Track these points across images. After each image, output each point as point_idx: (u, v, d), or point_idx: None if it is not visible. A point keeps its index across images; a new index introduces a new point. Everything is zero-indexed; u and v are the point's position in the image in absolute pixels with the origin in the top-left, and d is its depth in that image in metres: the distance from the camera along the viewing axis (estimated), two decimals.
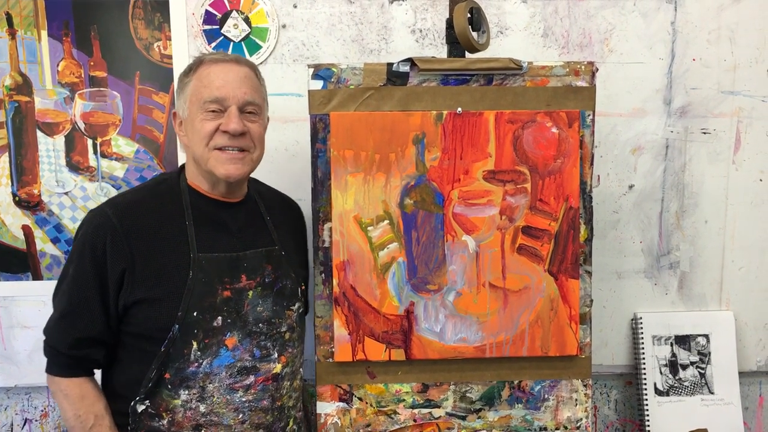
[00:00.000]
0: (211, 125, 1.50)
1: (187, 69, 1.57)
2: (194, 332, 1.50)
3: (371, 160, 1.65)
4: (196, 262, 1.51)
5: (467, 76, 1.66)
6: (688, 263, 2.14)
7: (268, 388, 1.58)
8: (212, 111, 1.50)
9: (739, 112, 2.09)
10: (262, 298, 1.58)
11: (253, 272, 1.57)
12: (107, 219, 1.50)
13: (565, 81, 1.68)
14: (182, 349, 1.49)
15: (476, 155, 1.66)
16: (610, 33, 2.05)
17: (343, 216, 1.66)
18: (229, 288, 1.53)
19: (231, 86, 1.50)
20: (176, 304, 1.48)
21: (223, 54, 1.59)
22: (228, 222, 1.59)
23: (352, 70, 1.65)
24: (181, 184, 1.59)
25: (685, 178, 2.11)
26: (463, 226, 1.68)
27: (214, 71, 1.51)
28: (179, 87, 1.58)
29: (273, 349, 1.59)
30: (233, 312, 1.53)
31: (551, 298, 1.70)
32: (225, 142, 1.51)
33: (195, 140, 1.53)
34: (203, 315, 1.50)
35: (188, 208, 1.56)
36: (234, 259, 1.55)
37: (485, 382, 1.73)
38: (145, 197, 1.57)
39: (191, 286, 1.50)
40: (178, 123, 1.59)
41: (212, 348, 1.51)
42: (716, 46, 2.06)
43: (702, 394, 2.11)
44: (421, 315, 1.69)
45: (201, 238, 1.54)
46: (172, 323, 1.48)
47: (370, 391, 1.71)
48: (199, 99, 1.50)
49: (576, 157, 1.68)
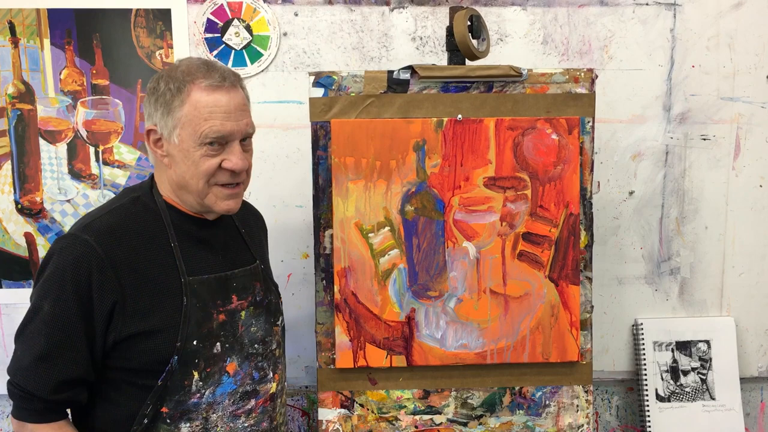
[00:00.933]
0: (214, 162, 1.39)
1: (171, 86, 1.38)
2: (195, 362, 1.41)
3: (372, 167, 1.66)
4: (188, 286, 1.41)
5: (467, 83, 1.67)
6: (688, 269, 2.15)
7: (267, 410, 1.53)
8: (211, 144, 1.37)
9: (739, 118, 2.09)
10: (255, 317, 1.51)
11: (244, 291, 1.50)
12: (89, 248, 1.34)
13: (564, 88, 1.68)
14: (182, 380, 1.40)
15: (477, 162, 1.67)
16: (609, 40, 2.06)
17: (344, 223, 1.66)
18: (223, 311, 1.45)
19: (234, 119, 1.39)
20: (174, 334, 1.38)
21: (213, 71, 1.39)
22: (210, 240, 1.50)
23: (353, 77, 1.66)
24: (157, 200, 1.46)
25: (685, 184, 2.12)
26: (464, 233, 1.68)
27: (213, 101, 1.37)
28: (160, 104, 1.39)
29: (269, 369, 1.54)
30: (230, 336, 1.46)
31: (552, 304, 1.70)
32: (227, 179, 1.42)
33: (191, 173, 1.39)
34: (203, 343, 1.41)
35: (170, 227, 1.44)
36: (223, 279, 1.47)
37: (486, 389, 1.73)
38: (122, 219, 1.41)
39: (188, 314, 1.40)
40: (154, 140, 1.42)
41: (214, 376, 1.43)
42: (715, 52, 2.07)
43: (703, 400, 2.11)
44: (422, 321, 1.69)
45: (188, 259, 1.43)
46: (170, 355, 1.38)
47: (372, 397, 1.71)
48: (198, 132, 1.36)
49: (576, 164, 1.68)
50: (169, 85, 1.38)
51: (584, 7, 2.04)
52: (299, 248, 2.06)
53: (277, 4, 2.01)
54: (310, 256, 1.78)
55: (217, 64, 1.43)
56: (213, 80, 1.37)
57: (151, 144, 1.43)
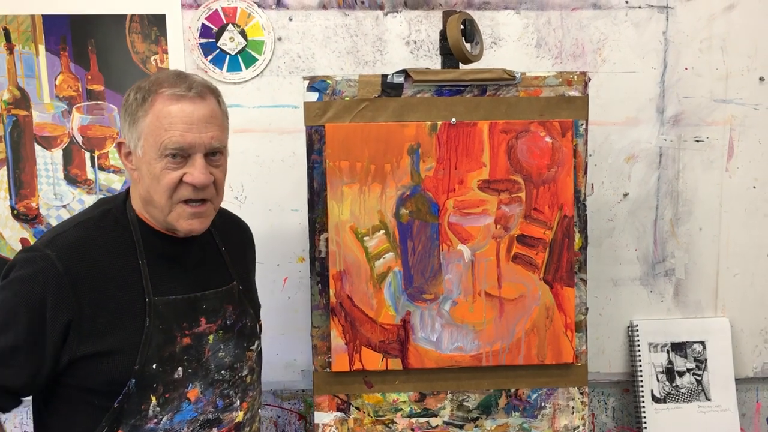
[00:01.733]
0: (175, 176, 1.33)
1: (138, 96, 1.34)
2: (153, 386, 1.35)
3: (366, 171, 1.66)
4: (152, 306, 1.35)
5: (461, 86, 1.68)
6: (683, 270, 2.16)
7: None
8: (173, 156, 1.32)
9: (732, 119, 2.11)
10: (224, 342, 1.46)
11: (214, 314, 1.44)
12: (50, 264, 1.30)
13: (558, 91, 1.69)
14: (139, 404, 1.34)
15: (471, 165, 1.68)
16: (602, 43, 2.07)
17: (339, 226, 1.67)
18: (188, 334, 1.39)
19: (196, 131, 1.32)
20: (132, 357, 1.33)
21: (181, 82, 1.35)
22: (182, 258, 1.44)
23: (347, 81, 1.66)
24: (129, 215, 1.41)
25: (679, 185, 2.13)
26: (459, 236, 1.69)
27: (174, 111, 1.31)
28: (128, 115, 1.35)
29: (236, 397, 1.48)
30: (194, 360, 1.40)
31: (547, 306, 1.71)
32: (189, 195, 1.35)
33: (154, 188, 1.34)
34: (163, 367, 1.36)
35: (140, 244, 1.38)
36: (192, 301, 1.41)
37: (482, 391, 1.73)
38: (90, 234, 1.37)
39: (148, 335, 1.34)
40: (124, 154, 1.39)
41: (173, 402, 1.38)
42: (708, 54, 2.08)
43: (699, 401, 2.12)
44: (418, 324, 1.70)
45: (155, 279, 1.38)
46: (127, 378, 1.32)
47: (368, 400, 1.72)
48: (159, 143, 1.31)
49: (570, 166, 1.69)
50: (136, 95, 1.34)
51: (577, 10, 2.06)
52: (295, 252, 2.06)
53: (272, 9, 2.02)
54: (306, 260, 1.78)
55: (190, 75, 1.38)
56: (178, 89, 1.32)
57: (122, 157, 1.40)
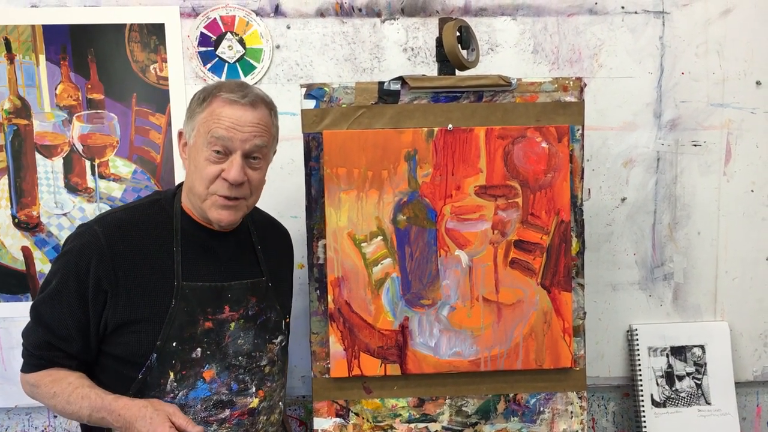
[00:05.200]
0: (214, 169, 1.47)
1: (202, 95, 1.51)
2: (172, 363, 1.48)
3: (364, 178, 1.67)
4: (179, 290, 1.49)
5: (457, 93, 1.69)
6: (682, 274, 2.16)
7: (243, 423, 1.56)
8: (216, 152, 1.47)
9: (729, 124, 2.11)
10: (244, 330, 1.56)
11: (237, 304, 1.56)
12: (95, 238, 1.48)
13: (554, 96, 1.70)
14: (159, 378, 1.48)
15: (467, 171, 1.69)
16: (599, 48, 2.08)
17: (337, 233, 1.68)
18: (211, 319, 1.52)
19: (239, 130, 1.47)
20: (156, 333, 1.47)
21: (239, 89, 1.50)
22: (217, 250, 1.57)
23: (344, 89, 1.67)
24: (175, 206, 1.57)
25: (677, 190, 2.13)
26: (456, 241, 1.70)
27: (226, 112, 1.47)
28: (190, 110, 1.53)
29: (251, 383, 1.57)
30: (213, 344, 1.52)
31: (544, 311, 1.71)
32: (224, 191, 1.49)
33: (196, 176, 1.50)
34: (182, 346, 1.49)
35: (178, 233, 1.54)
36: (218, 289, 1.54)
37: (481, 396, 1.74)
38: (136, 217, 1.54)
39: (172, 315, 1.48)
40: (182, 143, 1.56)
41: (189, 380, 1.50)
42: (704, 59, 2.09)
43: (699, 405, 2.12)
44: (416, 330, 1.70)
45: (187, 265, 1.52)
46: (150, 351, 1.47)
47: (367, 406, 1.72)
48: (206, 131, 1.47)
49: (566, 171, 1.70)
50: (200, 95, 1.52)
51: (573, 16, 2.07)
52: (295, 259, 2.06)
53: (270, 17, 2.03)
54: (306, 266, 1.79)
55: (251, 86, 1.54)
56: (234, 95, 1.48)
57: (180, 147, 1.58)
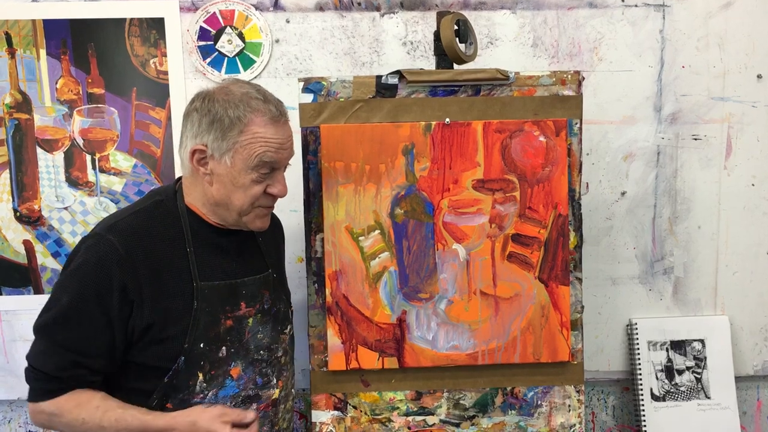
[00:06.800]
0: (261, 188, 1.48)
1: (233, 112, 1.43)
2: (200, 364, 1.48)
3: (361, 171, 1.68)
4: (199, 291, 1.48)
5: (455, 87, 1.69)
6: (682, 269, 2.16)
7: (268, 415, 1.58)
8: (265, 173, 1.47)
9: (730, 117, 2.10)
10: (262, 324, 1.57)
11: (252, 299, 1.56)
12: (113, 248, 1.42)
13: (552, 90, 1.70)
14: (187, 380, 1.47)
15: (465, 165, 1.69)
16: (599, 42, 2.07)
17: (335, 226, 1.68)
18: (231, 316, 1.52)
19: (284, 148, 1.49)
20: (182, 336, 1.46)
21: (270, 104, 1.47)
22: (226, 247, 1.56)
23: (342, 83, 1.68)
24: (179, 205, 1.53)
25: (677, 184, 2.13)
26: (454, 235, 1.70)
27: (270, 132, 1.45)
28: (216, 129, 1.44)
29: (272, 375, 1.59)
30: (236, 341, 1.52)
31: (542, 305, 1.71)
32: (268, 203, 1.53)
33: (237, 195, 1.47)
34: (209, 346, 1.48)
35: (188, 233, 1.50)
36: (233, 286, 1.53)
37: (478, 389, 1.74)
38: (145, 223, 1.49)
39: (197, 317, 1.47)
40: (198, 158, 1.47)
41: (218, 379, 1.50)
42: (705, 52, 2.08)
43: (698, 399, 2.12)
44: (414, 323, 1.71)
45: (202, 265, 1.50)
46: (178, 355, 1.45)
47: (365, 399, 1.73)
48: (253, 156, 1.44)
49: (564, 165, 1.70)
50: (228, 111, 1.44)
51: (573, 9, 2.06)
52: (294, 252, 2.07)
53: (269, 11, 2.03)
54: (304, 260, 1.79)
55: (268, 93, 1.50)
56: (271, 114, 1.46)
57: (193, 161, 1.48)
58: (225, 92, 1.46)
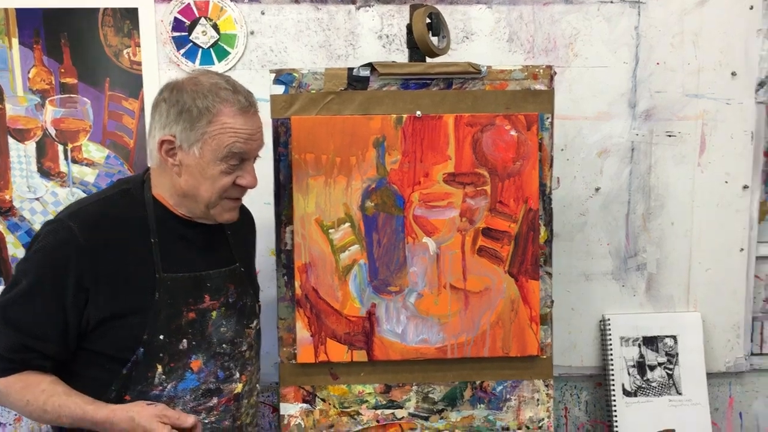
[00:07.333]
0: (230, 179, 1.47)
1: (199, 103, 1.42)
2: (159, 356, 1.46)
3: (332, 164, 1.67)
4: (161, 282, 1.46)
5: (427, 80, 1.69)
6: (655, 265, 2.16)
7: (229, 409, 1.56)
8: (234, 164, 1.46)
9: (704, 114, 2.11)
10: (226, 318, 1.55)
11: (217, 292, 1.54)
12: (72, 235, 1.41)
13: (524, 84, 1.70)
14: (146, 372, 1.45)
15: (436, 158, 1.68)
16: (574, 38, 2.07)
17: (305, 219, 1.68)
18: (194, 309, 1.50)
19: (254, 140, 1.48)
20: (142, 327, 1.44)
21: (239, 94, 1.46)
22: (192, 239, 1.54)
23: (314, 74, 1.67)
24: (146, 195, 1.51)
25: (651, 180, 2.13)
26: (424, 228, 1.70)
27: (240, 123, 1.44)
28: (184, 119, 1.42)
29: (235, 369, 1.57)
30: (198, 334, 1.50)
31: (512, 299, 1.71)
32: (238, 195, 1.52)
33: (205, 186, 1.46)
34: (170, 338, 1.47)
35: (154, 223, 1.49)
36: (198, 279, 1.52)
37: (447, 383, 1.74)
38: (109, 210, 1.48)
39: (158, 308, 1.45)
40: (167, 149, 1.45)
41: (178, 371, 1.48)
42: (680, 49, 2.09)
43: (670, 395, 2.13)
44: (383, 316, 1.71)
45: (166, 256, 1.48)
46: (137, 346, 1.44)
47: (333, 392, 1.73)
48: (222, 147, 1.43)
49: (535, 160, 1.70)
50: (196, 102, 1.43)
51: (549, 5, 2.06)
52: (268, 245, 2.05)
53: (244, 2, 2.02)
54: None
55: (237, 84, 1.49)
56: (240, 105, 1.45)
57: (161, 152, 1.46)
58: (194, 83, 1.45)
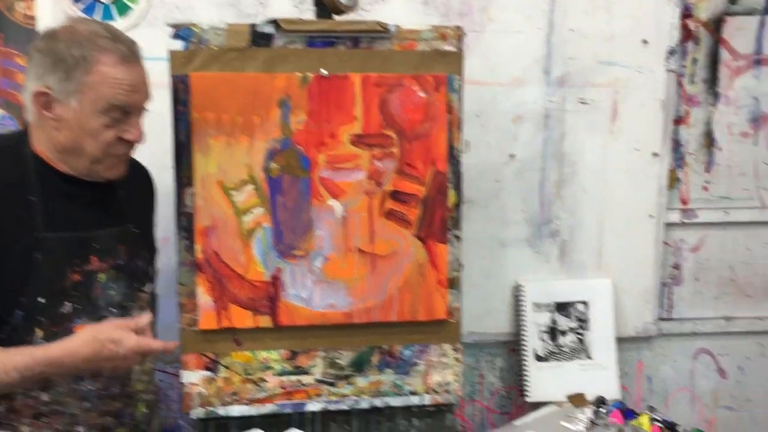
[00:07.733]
0: (113, 133, 1.39)
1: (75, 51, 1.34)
2: (39, 319, 1.38)
3: (234, 123, 1.61)
4: (42, 242, 1.38)
5: (334, 38, 1.64)
6: (568, 232, 2.18)
7: (117, 375, 1.49)
8: (116, 118, 1.38)
9: (616, 82, 2.12)
10: (114, 281, 1.48)
11: (105, 254, 1.47)
12: None
13: (433, 45, 1.67)
14: (24, 336, 1.37)
15: (342, 118, 1.64)
16: (489, 2, 2.05)
17: (206, 180, 1.62)
18: (79, 270, 1.43)
19: (137, 91, 1.40)
20: (18, 288, 1.37)
21: (118, 41, 1.38)
22: (78, 197, 1.46)
23: (214, 30, 1.60)
24: (26, 151, 1.42)
25: (565, 147, 2.14)
26: (330, 191, 1.66)
27: (121, 73, 1.36)
28: (60, 69, 1.35)
29: None
30: (83, 297, 1.43)
31: (420, 263, 1.70)
32: (124, 150, 1.44)
33: (89, 141, 1.38)
34: (50, 301, 1.39)
35: (34, 181, 1.41)
36: (83, 239, 1.44)
37: (355, 348, 1.72)
38: None
39: (37, 270, 1.38)
40: (43, 102, 1.37)
41: (59, 336, 1.38)
42: (593, 16, 2.09)
43: (580, 360, 2.16)
44: (288, 281, 1.66)
45: (47, 215, 1.40)
46: (13, 309, 1.37)
47: (237, 359, 1.68)
48: (102, 99, 1.36)
49: (443, 122, 1.67)
50: (71, 50, 1.35)
51: None
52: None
53: None
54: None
55: (118, 32, 1.41)
56: (121, 54, 1.38)
57: (37, 105, 1.38)
58: (69, 30, 1.36)
